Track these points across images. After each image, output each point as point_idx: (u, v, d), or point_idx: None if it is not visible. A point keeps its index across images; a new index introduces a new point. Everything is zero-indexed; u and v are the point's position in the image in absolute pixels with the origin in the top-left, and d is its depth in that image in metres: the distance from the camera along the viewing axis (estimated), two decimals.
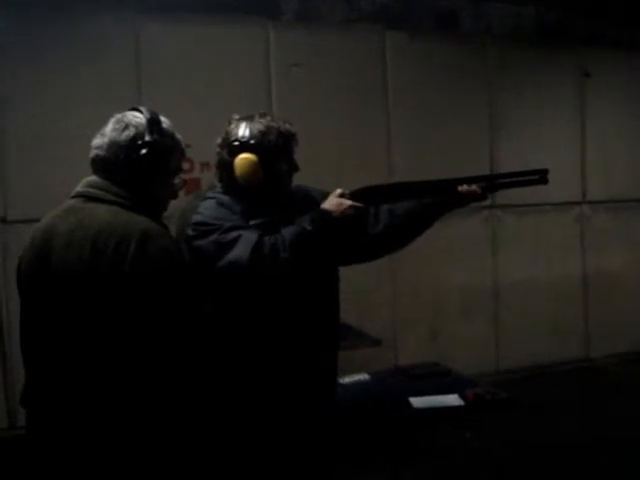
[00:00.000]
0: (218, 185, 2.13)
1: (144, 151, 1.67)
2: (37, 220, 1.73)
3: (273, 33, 4.60)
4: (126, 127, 1.69)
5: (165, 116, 1.79)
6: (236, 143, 2.06)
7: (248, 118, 2.10)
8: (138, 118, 1.71)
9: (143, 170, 1.68)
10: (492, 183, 2.18)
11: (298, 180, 2.21)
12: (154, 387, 1.55)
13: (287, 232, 1.95)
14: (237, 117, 2.12)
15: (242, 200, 2.06)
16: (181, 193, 1.85)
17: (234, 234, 1.93)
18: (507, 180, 2.21)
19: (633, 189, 5.84)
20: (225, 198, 2.07)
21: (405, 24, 5.00)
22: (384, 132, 4.92)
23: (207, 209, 2.03)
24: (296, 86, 4.59)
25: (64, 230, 1.60)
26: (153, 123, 1.71)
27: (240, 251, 1.90)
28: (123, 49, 4.19)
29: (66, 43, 4.03)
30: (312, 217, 1.98)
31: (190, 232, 1.99)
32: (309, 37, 4.68)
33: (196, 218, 2.01)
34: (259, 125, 2.07)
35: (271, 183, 2.08)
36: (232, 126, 2.10)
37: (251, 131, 2.06)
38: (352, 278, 2.50)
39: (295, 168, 2.15)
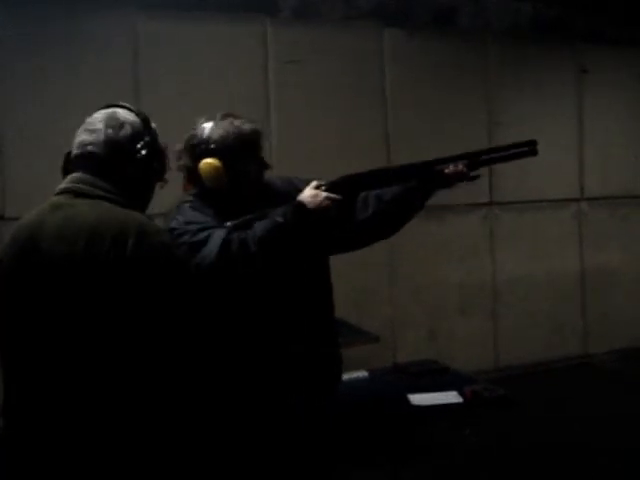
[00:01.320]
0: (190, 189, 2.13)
1: (145, 152, 1.65)
2: None
3: (271, 30, 4.59)
4: (122, 125, 1.66)
5: (163, 114, 1.80)
6: (197, 148, 2.05)
7: (210, 120, 2.08)
8: (131, 116, 1.69)
9: (143, 170, 1.66)
10: (476, 160, 2.11)
11: (296, 174, 2.21)
12: (152, 385, 1.52)
13: (259, 226, 1.94)
14: (202, 120, 2.10)
15: (215, 201, 2.06)
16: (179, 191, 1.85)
17: (204, 234, 1.93)
18: (493, 156, 2.16)
19: (631, 186, 5.85)
20: (198, 202, 2.07)
21: (403, 21, 5.00)
22: (382, 129, 4.92)
23: (180, 214, 2.03)
24: (294, 83, 4.59)
25: (53, 226, 1.54)
26: (146, 123, 1.70)
27: (209, 249, 1.89)
28: (122, 47, 4.18)
29: (65, 42, 4.02)
30: (285, 210, 1.97)
31: None
32: (307, 34, 4.68)
33: (172, 224, 2.00)
34: (219, 129, 2.05)
35: (238, 184, 2.06)
36: (194, 129, 2.09)
37: (211, 135, 2.05)
38: (351, 276, 2.51)
39: (264, 167, 2.13)
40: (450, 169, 2.07)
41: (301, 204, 1.99)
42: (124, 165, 1.64)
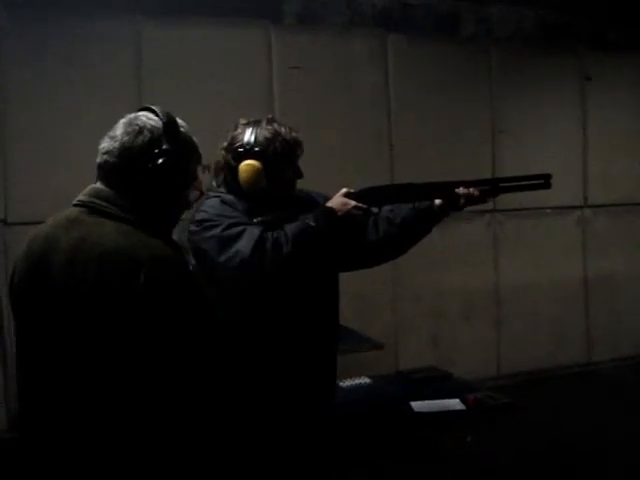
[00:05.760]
0: (214, 185, 2.15)
1: (161, 160, 1.50)
2: (38, 222, 1.65)
3: (275, 36, 4.60)
4: (140, 131, 1.52)
5: None
6: (241, 149, 2.07)
7: (255, 124, 2.10)
8: (153, 121, 1.54)
9: (159, 181, 1.52)
10: (495, 187, 2.19)
11: (301, 182, 2.21)
12: (168, 412, 1.44)
13: (290, 228, 1.96)
14: (244, 122, 2.12)
15: (245, 199, 2.07)
16: None
17: (237, 229, 1.94)
18: (510, 184, 2.22)
19: (635, 193, 5.83)
20: (229, 197, 2.08)
21: (407, 28, 5.00)
22: (386, 135, 4.91)
23: (211, 207, 2.05)
24: (298, 89, 4.59)
25: (65, 245, 1.47)
26: (170, 127, 1.54)
27: (242, 245, 1.91)
28: (124, 51, 4.18)
29: (66, 43, 4.02)
30: (316, 214, 1.99)
31: (193, 228, 2.00)
32: (311, 40, 4.69)
33: (200, 215, 2.02)
34: (265, 132, 2.08)
35: (273, 189, 2.08)
36: (238, 131, 2.11)
37: (257, 138, 2.07)
38: (353, 282, 2.50)
39: (299, 175, 2.15)
40: (461, 191, 2.10)
41: (332, 210, 2.01)
42: (140, 176, 1.51)
